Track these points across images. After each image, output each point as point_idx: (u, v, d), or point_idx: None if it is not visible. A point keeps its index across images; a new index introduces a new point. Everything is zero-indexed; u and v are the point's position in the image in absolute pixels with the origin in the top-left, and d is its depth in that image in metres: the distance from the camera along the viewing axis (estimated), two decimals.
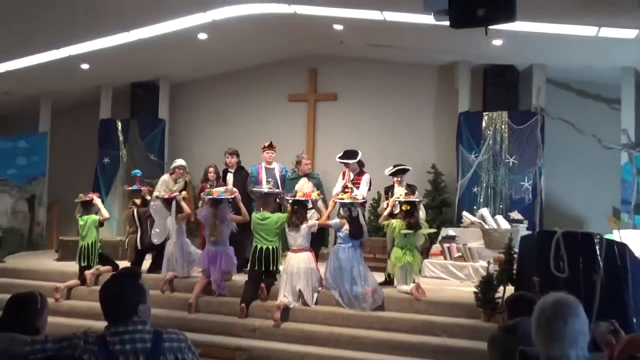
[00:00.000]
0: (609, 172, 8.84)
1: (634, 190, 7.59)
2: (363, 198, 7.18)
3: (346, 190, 7.16)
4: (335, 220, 6.81)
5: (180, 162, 8.24)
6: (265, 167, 8.02)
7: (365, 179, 7.49)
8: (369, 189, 7.63)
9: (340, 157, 7.63)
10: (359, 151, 7.65)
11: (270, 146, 8.09)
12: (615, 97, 9.20)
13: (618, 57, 8.41)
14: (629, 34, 7.40)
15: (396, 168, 7.40)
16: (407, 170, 7.50)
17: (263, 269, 6.82)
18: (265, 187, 7.51)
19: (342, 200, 6.84)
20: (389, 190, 7.39)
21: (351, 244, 6.65)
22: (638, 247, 6.06)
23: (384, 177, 7.61)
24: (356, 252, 6.66)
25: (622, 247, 5.03)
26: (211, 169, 8.22)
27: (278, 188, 7.74)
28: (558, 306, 2.22)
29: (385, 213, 6.96)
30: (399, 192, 7.10)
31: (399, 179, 7.36)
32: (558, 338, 2.17)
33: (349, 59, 10.69)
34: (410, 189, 7.15)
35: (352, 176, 7.49)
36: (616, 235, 6.21)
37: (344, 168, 7.67)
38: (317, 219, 7.09)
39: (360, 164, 7.64)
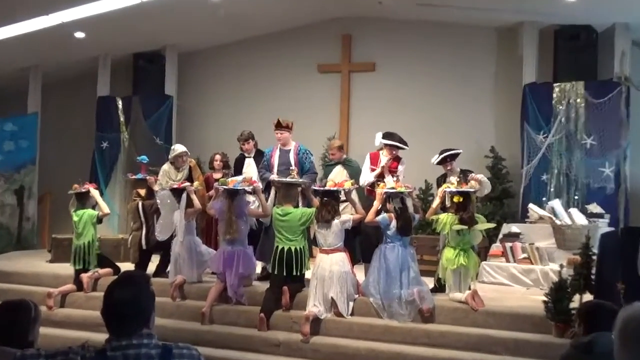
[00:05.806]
0: None
1: None
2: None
3: (394, 179, 7.03)
4: (383, 215, 6.65)
5: (179, 148, 8.15)
6: (280, 149, 7.65)
7: (402, 168, 7.32)
8: None
9: (386, 138, 7.31)
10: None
11: (279, 125, 7.55)
12: None
13: None
14: None
15: (442, 155, 7.26)
16: (457, 154, 7.36)
17: (285, 273, 6.78)
18: (287, 177, 7.31)
19: (391, 190, 6.68)
20: (442, 179, 7.28)
21: (401, 241, 6.62)
22: None
23: (429, 161, 7.45)
24: (407, 250, 6.62)
25: None
26: (217, 157, 8.21)
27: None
28: None
29: (434, 206, 6.89)
30: (452, 180, 6.98)
31: (449, 167, 7.26)
32: None
33: (390, 21, 10.63)
34: (464, 176, 6.97)
35: (385, 161, 7.27)
36: None
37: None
38: (350, 213, 7.02)
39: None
